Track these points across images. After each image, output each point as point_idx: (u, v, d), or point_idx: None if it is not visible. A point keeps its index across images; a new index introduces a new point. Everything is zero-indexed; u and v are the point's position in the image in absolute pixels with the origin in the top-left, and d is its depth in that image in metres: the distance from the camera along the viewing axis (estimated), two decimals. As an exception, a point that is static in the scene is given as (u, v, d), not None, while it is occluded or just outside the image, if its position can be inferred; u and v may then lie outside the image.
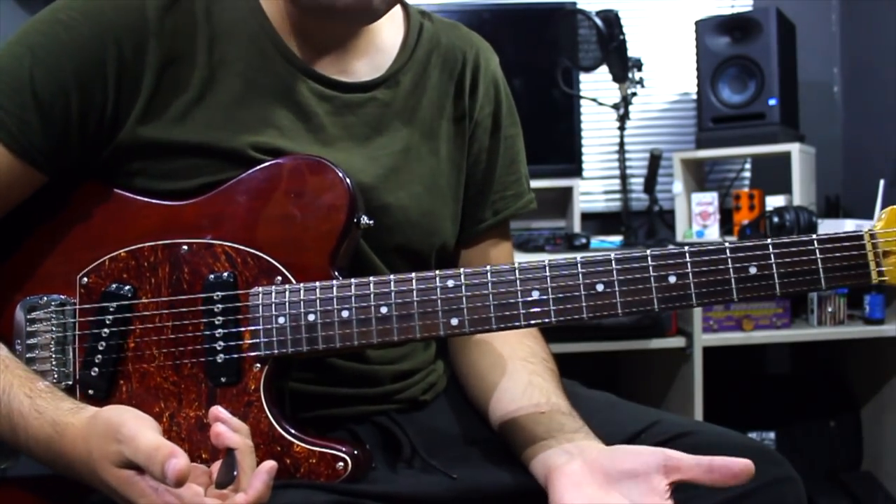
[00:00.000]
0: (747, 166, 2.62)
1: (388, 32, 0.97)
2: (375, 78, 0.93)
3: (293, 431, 0.79)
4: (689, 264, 0.74)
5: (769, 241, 0.73)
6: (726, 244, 0.74)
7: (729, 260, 0.73)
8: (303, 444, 0.78)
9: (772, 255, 0.73)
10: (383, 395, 0.94)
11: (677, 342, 1.95)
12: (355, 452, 0.79)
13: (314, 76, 0.89)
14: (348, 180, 0.82)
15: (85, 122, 0.81)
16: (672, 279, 0.74)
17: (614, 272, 0.74)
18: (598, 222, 2.61)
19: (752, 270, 0.73)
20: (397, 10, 1.00)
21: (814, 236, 0.74)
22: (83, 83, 0.80)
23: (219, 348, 0.80)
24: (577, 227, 2.31)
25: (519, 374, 0.91)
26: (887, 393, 2.16)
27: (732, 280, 0.73)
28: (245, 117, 0.85)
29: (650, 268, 0.74)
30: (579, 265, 0.75)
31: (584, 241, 2.09)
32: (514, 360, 0.93)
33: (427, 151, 0.96)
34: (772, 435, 2.25)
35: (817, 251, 0.73)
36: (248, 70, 0.86)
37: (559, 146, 2.36)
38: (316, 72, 0.89)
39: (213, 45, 0.85)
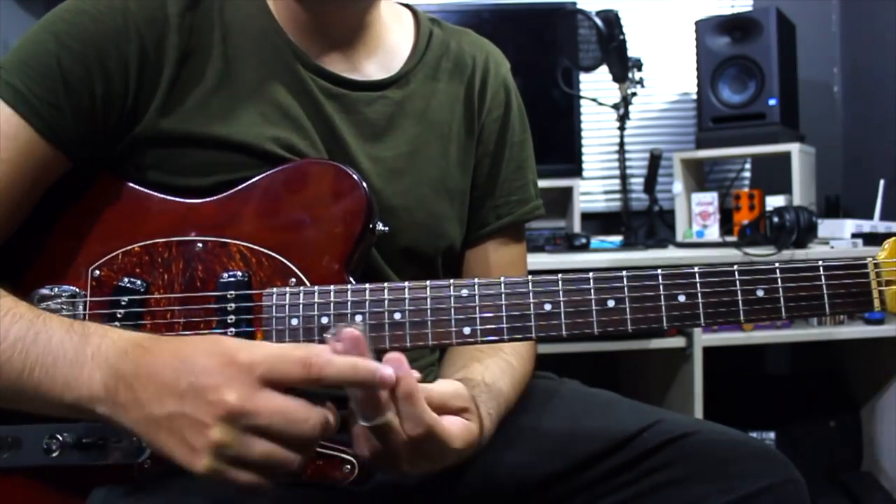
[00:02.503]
0: (747, 166, 2.62)
1: (398, 36, 0.98)
2: (386, 77, 0.94)
3: None
4: (698, 284, 0.75)
5: (776, 264, 0.75)
6: (735, 267, 0.75)
7: (737, 282, 0.75)
8: None
9: (779, 280, 0.75)
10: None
11: (677, 342, 1.95)
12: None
13: (323, 74, 0.90)
14: (365, 186, 0.83)
15: (108, 112, 0.81)
16: (681, 298, 0.75)
17: (625, 289, 0.75)
18: (598, 222, 2.61)
19: (760, 293, 0.75)
20: (407, 16, 1.01)
21: (820, 262, 0.75)
22: (107, 73, 0.80)
23: None
24: (577, 227, 2.31)
25: (467, 353, 0.93)
26: (887, 393, 2.16)
27: (740, 302, 0.75)
28: (259, 110, 0.86)
29: (661, 286, 0.75)
30: (592, 280, 0.76)
31: (584, 241, 2.09)
32: (472, 348, 0.93)
33: (436, 154, 0.96)
34: (772, 435, 2.25)
35: (823, 277, 0.75)
36: (261, 65, 0.87)
37: (559, 146, 2.36)
38: (325, 69, 0.90)
39: (227, 41, 0.86)
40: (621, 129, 2.27)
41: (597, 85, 2.46)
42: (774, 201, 2.20)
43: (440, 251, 0.97)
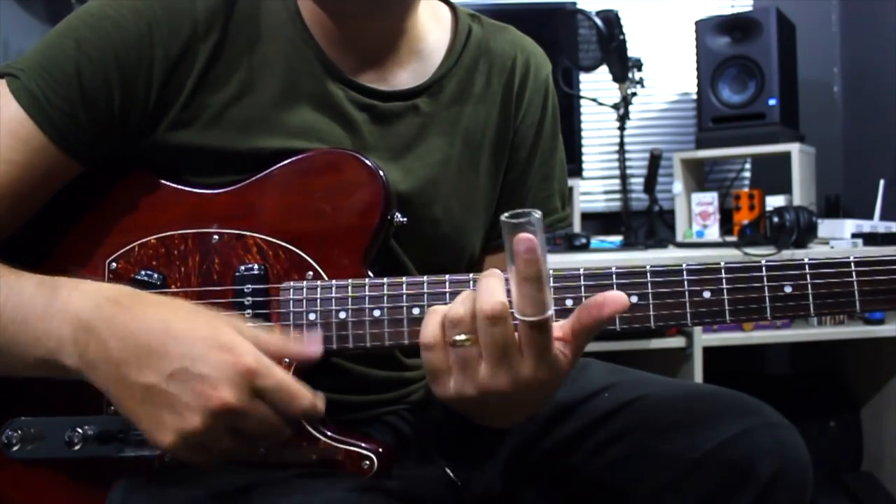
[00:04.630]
0: (747, 166, 2.63)
1: (434, 36, 0.93)
2: (417, 86, 0.90)
3: (320, 427, 0.78)
4: (724, 280, 0.73)
5: (806, 260, 0.72)
6: (763, 261, 0.73)
7: (765, 278, 0.72)
8: (329, 441, 0.78)
9: (808, 276, 0.72)
10: (396, 399, 0.94)
11: (677, 342, 1.95)
12: (380, 450, 0.78)
13: (353, 85, 0.87)
14: (382, 174, 0.81)
15: (126, 119, 0.80)
16: (707, 294, 0.73)
17: (649, 284, 0.73)
18: (598, 222, 2.61)
19: (787, 290, 0.72)
20: (445, 13, 0.96)
21: (851, 258, 0.72)
22: (127, 80, 0.79)
23: None
24: (577, 227, 2.31)
25: None
26: (887, 393, 2.16)
27: (767, 298, 0.72)
28: (283, 120, 0.84)
29: (685, 282, 0.73)
30: (614, 276, 0.74)
31: (584, 241, 2.09)
32: None
33: (467, 164, 0.93)
34: (772, 435, 2.24)
35: (854, 273, 0.72)
36: (289, 73, 0.84)
37: (559, 146, 2.36)
38: (354, 81, 0.87)
39: (255, 47, 0.84)
40: (621, 129, 2.27)
41: (597, 85, 2.46)
42: (774, 201, 2.21)
43: (462, 263, 0.95)
